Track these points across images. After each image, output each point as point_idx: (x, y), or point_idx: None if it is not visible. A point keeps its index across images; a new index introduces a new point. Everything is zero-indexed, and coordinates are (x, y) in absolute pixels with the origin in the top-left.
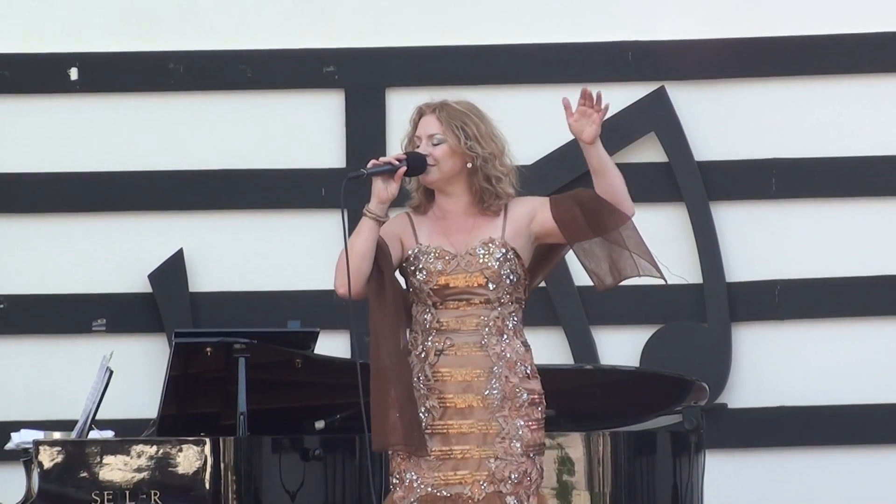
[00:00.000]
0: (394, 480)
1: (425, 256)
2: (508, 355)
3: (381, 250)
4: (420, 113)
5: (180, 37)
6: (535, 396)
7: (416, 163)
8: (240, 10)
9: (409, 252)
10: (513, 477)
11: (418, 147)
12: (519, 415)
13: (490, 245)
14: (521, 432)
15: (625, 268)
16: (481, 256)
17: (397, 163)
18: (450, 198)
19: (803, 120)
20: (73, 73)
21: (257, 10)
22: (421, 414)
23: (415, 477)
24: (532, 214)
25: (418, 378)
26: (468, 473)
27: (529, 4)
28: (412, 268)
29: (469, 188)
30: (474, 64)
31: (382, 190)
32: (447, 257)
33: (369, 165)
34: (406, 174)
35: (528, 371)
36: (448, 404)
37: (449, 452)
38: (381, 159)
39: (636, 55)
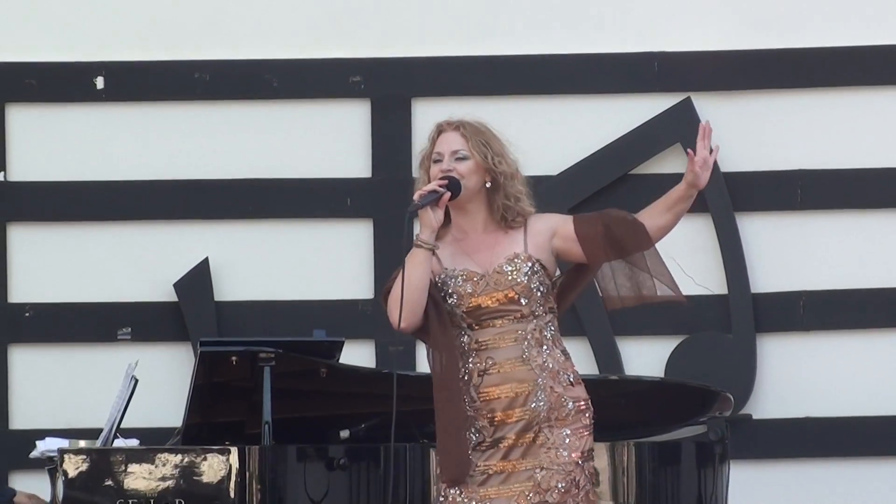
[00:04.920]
0: (440, 499)
1: (453, 280)
2: (551, 365)
3: (431, 281)
4: (439, 130)
5: (206, 46)
6: (581, 403)
7: (454, 186)
8: (266, 19)
9: (437, 278)
10: (560, 486)
11: (439, 162)
12: (565, 424)
13: (516, 260)
14: (567, 441)
15: (645, 290)
16: (509, 273)
17: (441, 189)
18: (468, 216)
19: (829, 131)
20: (100, 82)
21: (283, 19)
22: (471, 434)
23: (458, 492)
24: (553, 230)
25: (464, 400)
26: (513, 486)
27: (555, 15)
28: (441, 293)
29: (487, 206)
30: (500, 74)
31: (432, 218)
32: (475, 278)
33: (416, 198)
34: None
35: (571, 379)
36: (496, 422)
37: (495, 466)
38: (426, 189)
39: (662, 66)
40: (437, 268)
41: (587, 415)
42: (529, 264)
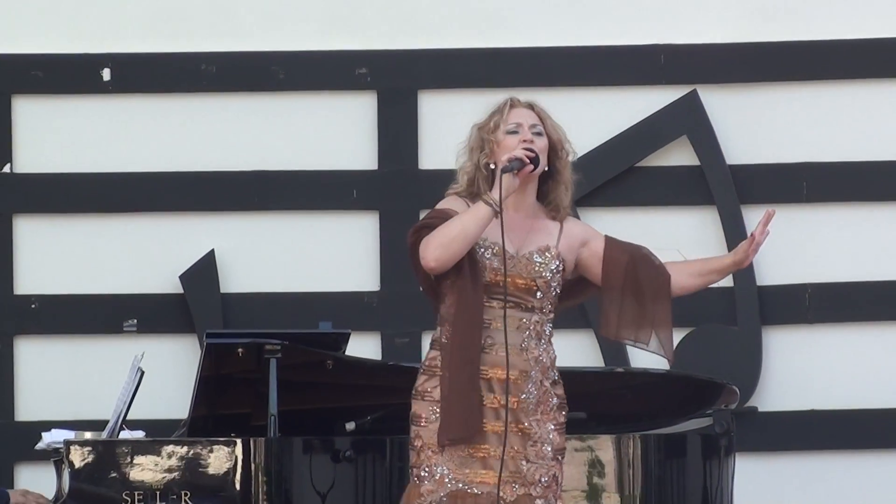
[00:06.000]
0: (422, 473)
1: (482, 251)
2: (543, 360)
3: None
4: (511, 104)
5: (213, 38)
6: (562, 401)
7: (535, 162)
8: (272, 11)
9: None
10: (543, 480)
11: (514, 133)
12: (549, 418)
13: (547, 254)
14: (551, 436)
15: (640, 338)
16: (538, 264)
17: (527, 161)
18: (520, 196)
19: (835, 124)
20: (106, 74)
21: (290, 11)
22: None
23: (446, 472)
24: (585, 240)
25: (479, 360)
26: (499, 473)
27: (561, 8)
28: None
29: (536, 191)
30: (506, 66)
31: (510, 184)
32: (505, 256)
33: (506, 161)
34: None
35: (556, 376)
36: (485, 403)
37: (482, 450)
38: (514, 154)
39: (668, 58)
40: None
41: (564, 413)
42: (557, 262)
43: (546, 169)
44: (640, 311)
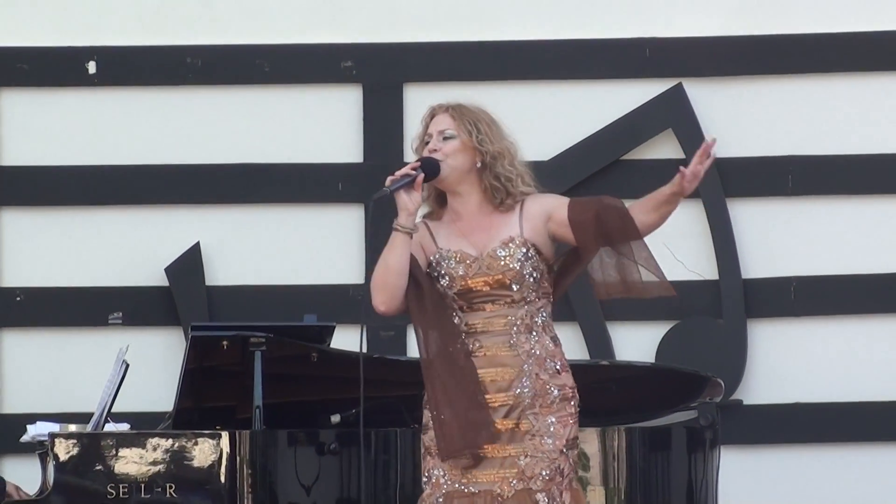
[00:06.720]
0: (423, 479)
1: (446, 262)
2: (538, 352)
3: (413, 261)
4: (432, 113)
5: (198, 31)
6: (567, 391)
7: (430, 167)
8: (257, 4)
9: (431, 258)
10: (544, 474)
11: (428, 143)
12: (550, 412)
13: (510, 245)
14: (552, 429)
15: (629, 277)
16: (503, 258)
17: (413, 172)
18: (461, 197)
19: (820, 117)
20: (91, 67)
21: (275, 4)
22: None
23: (442, 473)
24: (549, 213)
25: (469, 367)
26: (497, 471)
27: (547, 1)
28: (435, 273)
29: (480, 187)
30: (492, 60)
31: (408, 202)
32: (468, 260)
33: (388, 183)
34: (424, 180)
35: (559, 366)
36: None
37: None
38: (398, 173)
39: (654, 52)
40: (431, 248)
41: (572, 402)
42: (524, 249)
43: (478, 165)
44: (619, 261)
